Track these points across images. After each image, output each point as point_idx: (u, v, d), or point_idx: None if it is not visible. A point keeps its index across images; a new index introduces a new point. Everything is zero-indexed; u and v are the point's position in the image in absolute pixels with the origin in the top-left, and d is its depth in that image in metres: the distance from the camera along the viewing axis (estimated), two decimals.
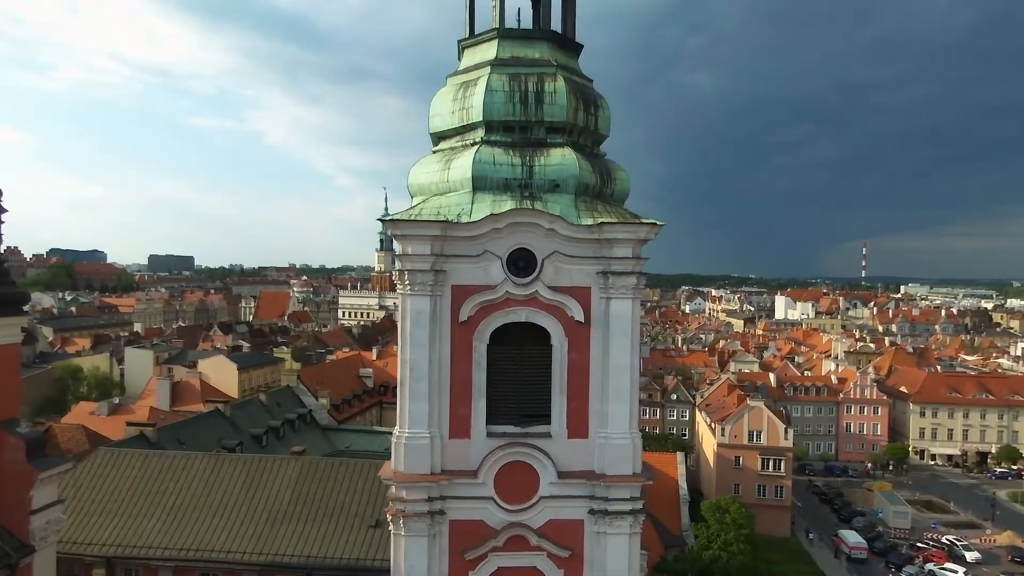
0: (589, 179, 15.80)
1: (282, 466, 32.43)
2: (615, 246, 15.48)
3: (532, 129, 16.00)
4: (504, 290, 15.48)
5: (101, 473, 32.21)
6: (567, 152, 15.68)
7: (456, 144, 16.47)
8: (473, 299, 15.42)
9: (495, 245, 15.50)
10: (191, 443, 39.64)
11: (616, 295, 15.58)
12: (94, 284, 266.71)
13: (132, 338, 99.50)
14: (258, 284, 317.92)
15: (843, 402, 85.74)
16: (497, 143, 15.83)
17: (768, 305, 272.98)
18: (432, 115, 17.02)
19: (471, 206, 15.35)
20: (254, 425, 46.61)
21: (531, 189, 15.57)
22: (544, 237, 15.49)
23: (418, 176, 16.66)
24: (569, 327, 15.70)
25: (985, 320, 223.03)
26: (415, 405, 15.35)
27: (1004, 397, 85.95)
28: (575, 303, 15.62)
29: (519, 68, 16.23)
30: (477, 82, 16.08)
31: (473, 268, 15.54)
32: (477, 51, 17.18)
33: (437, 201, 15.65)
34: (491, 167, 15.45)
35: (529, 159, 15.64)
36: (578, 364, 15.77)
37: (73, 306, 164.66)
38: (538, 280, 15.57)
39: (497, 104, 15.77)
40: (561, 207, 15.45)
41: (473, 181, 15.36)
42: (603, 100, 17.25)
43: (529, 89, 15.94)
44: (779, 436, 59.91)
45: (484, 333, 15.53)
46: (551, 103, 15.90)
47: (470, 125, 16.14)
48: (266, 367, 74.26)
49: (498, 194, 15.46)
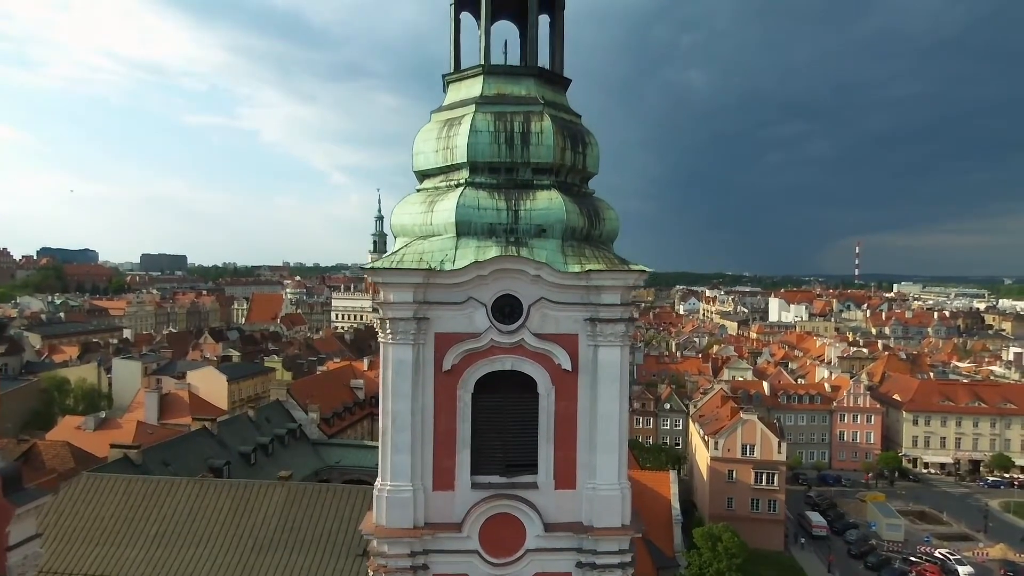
0: (576, 222, 15.40)
1: (268, 492, 31.80)
2: (603, 293, 15.11)
3: (518, 170, 15.61)
4: (489, 338, 15.08)
5: (83, 499, 31.49)
6: (554, 195, 15.27)
7: (440, 184, 16.05)
8: (457, 348, 15.02)
9: (480, 292, 15.08)
10: (177, 464, 39.01)
11: (604, 343, 15.20)
12: (85, 285, 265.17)
13: (121, 345, 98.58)
14: (251, 285, 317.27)
15: (836, 410, 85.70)
16: (482, 185, 15.43)
17: (762, 307, 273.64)
18: (416, 153, 16.60)
19: (454, 252, 14.93)
20: (242, 442, 46.01)
21: (517, 234, 15.16)
22: (530, 283, 15.10)
23: (401, 217, 16.23)
24: (556, 375, 15.32)
25: (977, 322, 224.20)
26: (397, 457, 14.94)
27: (996, 405, 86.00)
28: (562, 351, 15.24)
29: (505, 106, 15.84)
30: (461, 121, 15.68)
31: (457, 315, 15.13)
32: (462, 87, 16.77)
33: (420, 246, 15.21)
34: (475, 211, 15.03)
35: (515, 203, 15.23)
36: (565, 413, 15.40)
37: (63, 310, 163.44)
38: (524, 328, 15.18)
39: (482, 145, 15.37)
40: (547, 253, 15.05)
41: (457, 226, 14.95)
42: (591, 137, 16.86)
43: (515, 129, 15.55)
44: (772, 450, 59.73)
45: (468, 382, 15.14)
46: (537, 144, 15.50)
47: (454, 165, 15.74)
48: (256, 377, 73.63)
49: (483, 239, 15.04)
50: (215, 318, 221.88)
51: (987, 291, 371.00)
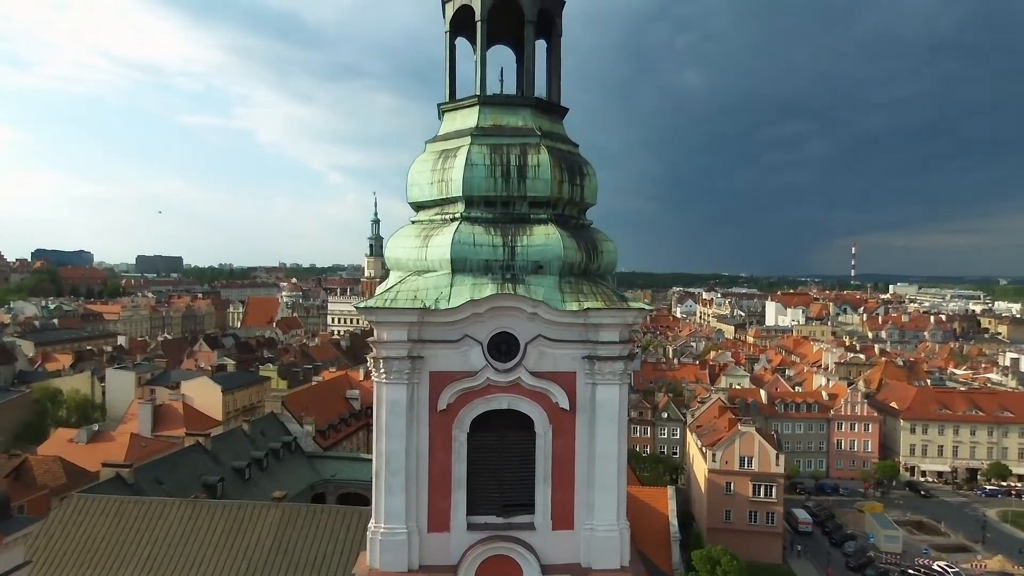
0: (574, 258, 15.11)
1: (262, 513, 31.45)
2: (601, 330, 14.85)
3: (514, 204, 15.33)
4: (485, 377, 14.80)
5: (74, 521, 31.08)
6: (551, 231, 14.99)
7: (435, 216, 15.78)
8: (452, 387, 14.74)
9: (475, 329, 14.80)
10: (170, 482, 38.56)
11: (602, 381, 14.93)
12: (79, 289, 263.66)
13: (115, 353, 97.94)
14: (247, 287, 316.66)
15: (834, 419, 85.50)
16: (478, 219, 15.15)
17: (759, 310, 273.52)
18: (410, 184, 16.30)
19: (450, 290, 14.64)
20: (237, 457, 45.53)
21: (513, 271, 14.88)
22: (527, 320, 14.82)
23: (396, 250, 15.94)
24: (553, 414, 15.04)
25: (973, 325, 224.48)
26: (391, 498, 14.64)
27: (994, 414, 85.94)
28: (559, 389, 14.96)
29: (501, 138, 15.56)
30: (457, 153, 15.40)
31: (452, 354, 14.84)
32: (457, 116, 16.51)
33: (414, 283, 14.92)
34: (471, 248, 14.74)
35: (511, 238, 14.94)
36: (563, 452, 15.12)
37: (56, 315, 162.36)
38: (521, 366, 14.90)
39: (477, 179, 15.09)
40: (545, 290, 14.77)
41: (452, 263, 14.66)
42: (589, 167, 16.58)
43: (511, 163, 15.26)
44: (770, 462, 59.46)
45: (464, 422, 14.85)
46: (534, 177, 15.22)
47: (450, 199, 15.45)
48: (251, 387, 73.15)
49: (478, 276, 14.75)
50: (210, 322, 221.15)
51: (983, 292, 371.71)
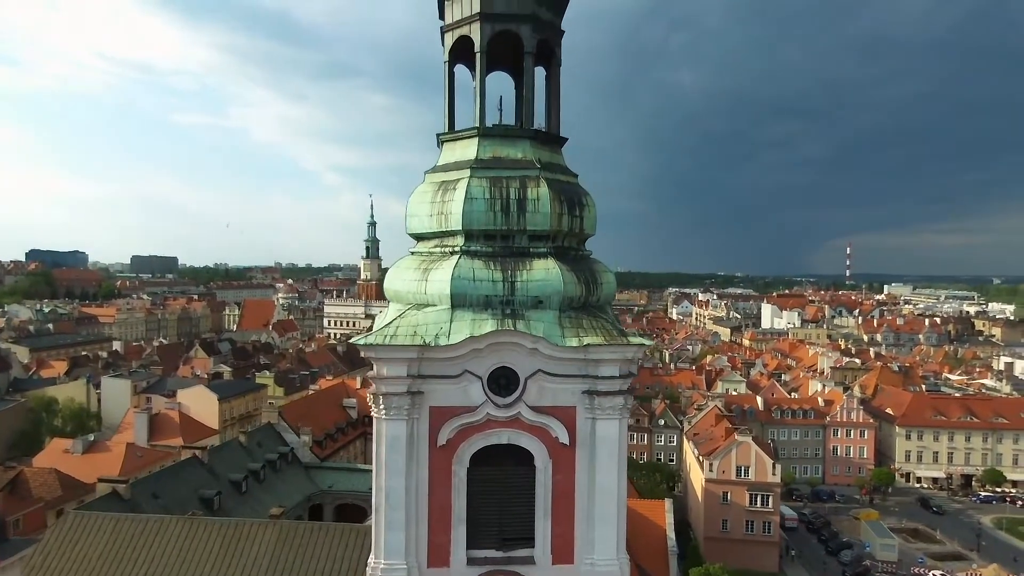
0: (574, 292, 15.12)
1: (260, 531, 31.30)
2: (601, 365, 14.88)
3: (514, 237, 15.34)
4: (485, 412, 14.83)
5: (70, 539, 30.88)
6: (551, 265, 14.99)
7: (434, 248, 15.77)
8: (452, 422, 14.75)
9: (475, 365, 14.81)
10: (167, 496, 38.46)
11: (602, 416, 14.96)
12: (74, 290, 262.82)
13: (111, 360, 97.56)
14: (243, 289, 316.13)
15: (830, 425, 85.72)
16: (477, 253, 15.15)
17: (754, 312, 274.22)
18: (409, 215, 16.30)
19: (449, 325, 14.64)
20: (233, 470, 45.40)
21: (513, 306, 14.88)
22: (527, 356, 14.84)
23: (395, 282, 15.94)
24: (553, 448, 15.06)
25: (968, 328, 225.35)
26: (391, 534, 14.63)
27: (989, 420, 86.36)
28: (559, 424, 14.99)
29: (500, 171, 15.56)
30: (456, 186, 15.39)
31: (452, 389, 14.86)
32: (456, 147, 16.51)
33: (414, 318, 14.90)
34: (471, 283, 14.73)
35: (511, 273, 14.93)
36: (563, 486, 15.15)
37: (51, 319, 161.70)
38: (520, 401, 14.93)
39: (477, 213, 15.08)
40: (545, 326, 14.78)
41: (452, 298, 14.67)
42: (588, 198, 16.61)
43: (511, 196, 15.26)
44: (767, 471, 59.61)
45: (464, 456, 14.87)
46: (534, 211, 15.22)
47: (449, 232, 15.44)
48: (248, 395, 72.94)
49: (478, 312, 14.75)
50: (206, 324, 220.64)
51: (976, 293, 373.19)
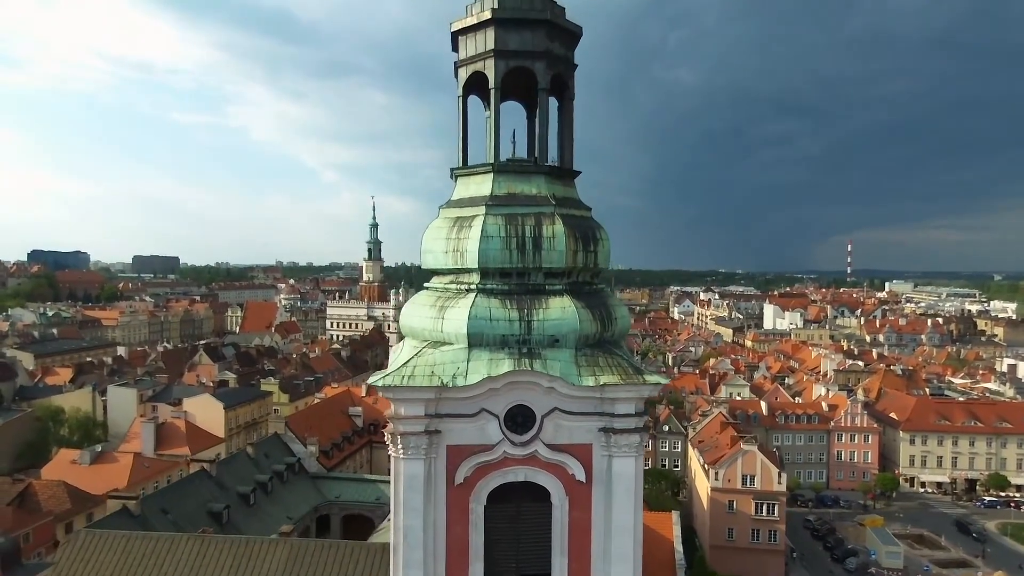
0: (589, 329, 15.19)
1: (270, 549, 31.48)
2: (618, 403, 14.96)
3: (530, 275, 15.40)
4: (502, 451, 14.92)
5: (82, 558, 31.06)
6: (567, 303, 15.06)
7: (450, 285, 15.84)
8: (470, 460, 14.84)
9: (492, 403, 14.90)
10: (176, 511, 38.63)
11: (619, 453, 15.04)
12: (77, 293, 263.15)
13: (116, 366, 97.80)
14: (245, 289, 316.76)
15: (834, 430, 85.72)
16: (493, 291, 15.22)
17: (756, 312, 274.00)
18: (424, 251, 16.40)
19: (466, 365, 14.72)
20: (241, 482, 45.59)
21: (530, 345, 14.95)
22: (543, 394, 14.93)
23: (411, 319, 16.02)
24: (570, 486, 15.14)
25: (970, 327, 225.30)
26: (410, 572, 14.72)
27: (992, 424, 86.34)
28: (576, 462, 15.07)
29: (515, 208, 15.63)
30: (472, 223, 15.45)
31: (469, 427, 14.94)
32: (471, 183, 16.57)
33: (430, 357, 14.98)
34: (487, 323, 14.80)
35: (527, 312, 14.99)
36: (579, 524, 15.21)
37: (55, 322, 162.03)
38: (537, 439, 15.03)
39: (493, 251, 15.14)
40: (561, 365, 14.85)
41: (469, 338, 14.74)
42: (603, 232, 16.68)
43: (527, 234, 15.32)
44: (772, 480, 59.68)
45: (481, 494, 14.95)
46: (550, 249, 15.28)
47: (465, 269, 15.51)
48: (253, 402, 73.09)
49: (495, 351, 14.82)
50: (208, 326, 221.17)
51: (978, 291, 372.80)
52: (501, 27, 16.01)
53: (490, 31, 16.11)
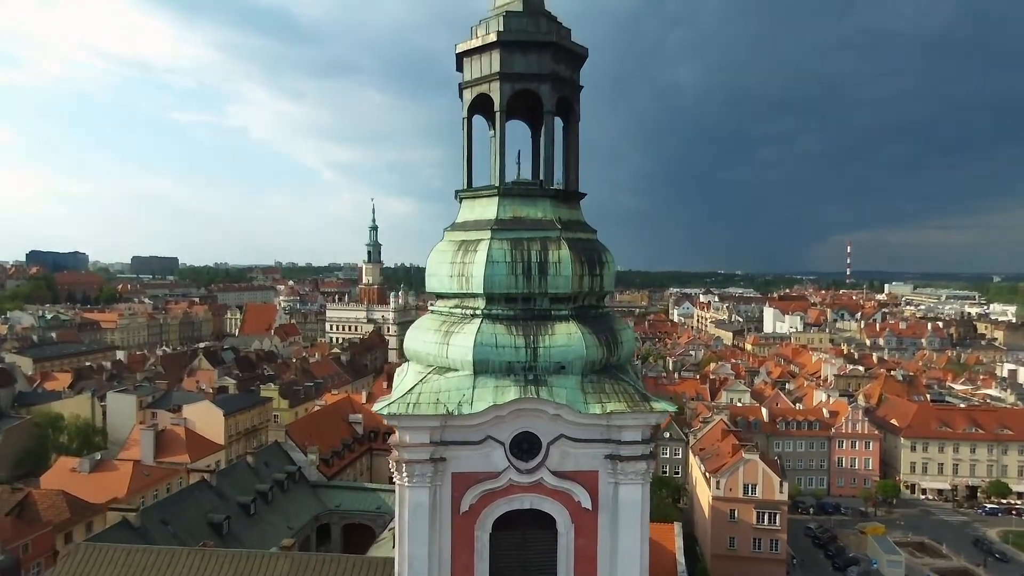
0: (595, 355, 15.11)
1: (271, 563, 31.33)
2: (624, 431, 14.89)
3: (535, 300, 15.30)
4: (508, 478, 14.84)
5: (81, 572, 30.90)
6: (573, 330, 14.96)
7: (455, 309, 15.74)
8: (475, 488, 14.75)
9: (498, 430, 14.82)
10: (176, 522, 38.45)
11: (625, 481, 14.94)
12: (76, 295, 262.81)
13: (115, 370, 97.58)
14: (244, 291, 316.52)
15: (835, 436, 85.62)
16: (499, 317, 15.13)
17: (756, 315, 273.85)
18: (430, 274, 16.32)
19: (472, 392, 14.62)
20: (242, 492, 45.40)
21: (535, 372, 14.86)
22: (549, 421, 14.86)
23: (416, 343, 15.93)
24: (576, 513, 15.05)
25: (970, 331, 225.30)
26: None
27: (994, 431, 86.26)
28: (581, 489, 14.98)
29: (521, 232, 15.54)
30: (477, 248, 15.35)
31: (474, 455, 14.85)
32: (476, 206, 16.49)
33: (436, 384, 14.87)
34: (493, 350, 14.70)
35: (533, 339, 14.89)
36: (585, 551, 15.12)
37: (53, 325, 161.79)
38: (543, 466, 14.94)
39: (499, 276, 15.05)
40: (567, 392, 14.76)
41: (474, 364, 14.66)
42: (608, 255, 16.60)
43: (532, 259, 15.22)
44: (774, 490, 59.57)
45: (486, 522, 14.86)
46: (555, 274, 15.19)
47: (470, 294, 15.41)
48: (253, 409, 72.90)
49: (501, 378, 14.73)
50: (208, 328, 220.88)
51: (977, 293, 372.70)
52: (507, 50, 15.95)
53: (495, 54, 16.05)
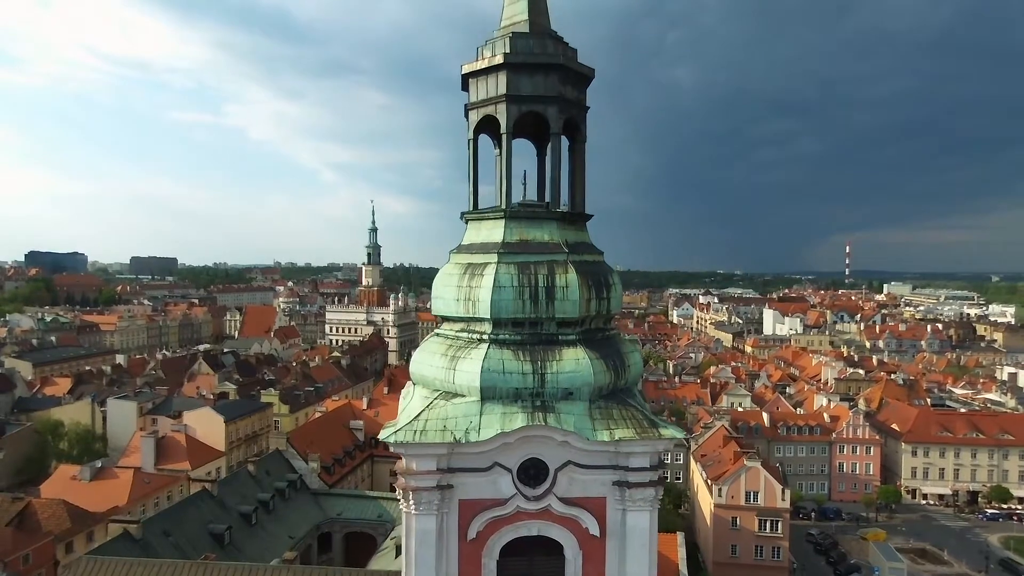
0: (604, 380, 15.03)
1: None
2: (632, 457, 14.83)
3: (542, 324, 15.21)
4: (515, 505, 14.75)
5: None
6: (580, 355, 14.88)
7: (461, 333, 15.65)
8: (482, 515, 14.65)
9: (505, 457, 14.74)
10: (178, 533, 38.32)
11: (633, 507, 14.89)
12: (75, 296, 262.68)
13: (114, 375, 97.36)
14: (243, 292, 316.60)
15: (836, 442, 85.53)
16: (505, 342, 15.03)
17: (756, 317, 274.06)
18: (435, 297, 16.30)
19: (479, 419, 14.54)
20: (243, 501, 45.26)
21: (543, 398, 14.78)
22: (557, 447, 14.78)
23: (421, 367, 15.84)
24: (583, 539, 14.96)
25: (969, 332, 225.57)
26: None
27: (994, 436, 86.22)
28: (589, 516, 14.90)
29: (528, 256, 15.46)
30: (484, 272, 15.27)
31: (481, 481, 14.76)
32: (482, 228, 16.42)
33: (442, 410, 14.79)
34: (500, 376, 14.61)
35: (541, 364, 14.80)
36: None
37: (53, 328, 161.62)
38: (551, 493, 14.85)
39: (505, 301, 14.97)
40: (575, 419, 14.68)
41: (482, 391, 14.57)
42: (614, 276, 16.52)
43: (539, 284, 15.14)
44: (776, 497, 59.45)
45: (494, 549, 14.77)
46: (563, 299, 15.11)
47: (477, 318, 15.32)
48: (254, 415, 72.73)
49: (508, 405, 14.65)
50: (207, 330, 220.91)
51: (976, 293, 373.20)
52: (514, 72, 15.88)
53: (502, 75, 15.97)
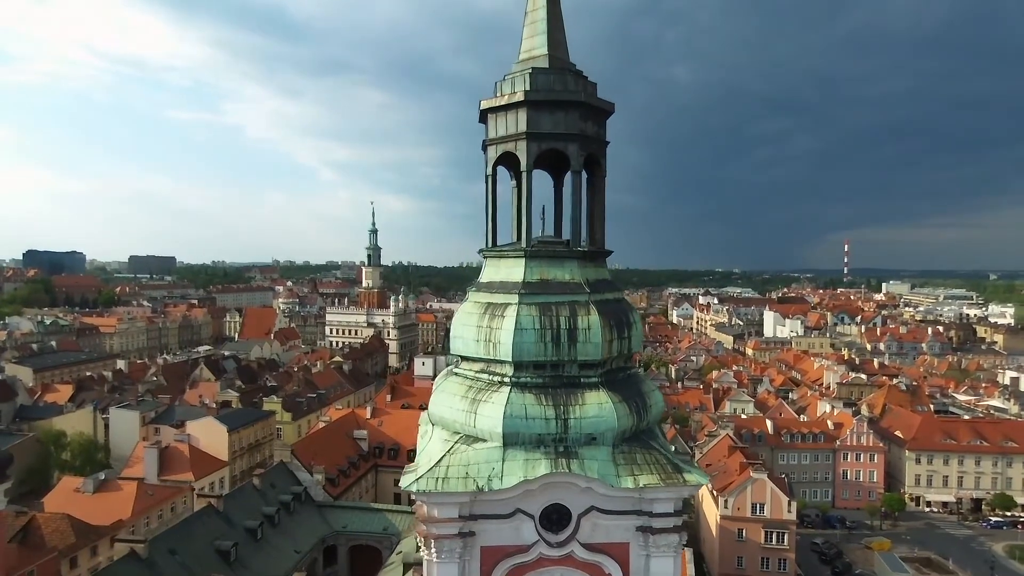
0: (627, 424, 14.88)
1: None
2: (656, 503, 14.65)
3: (564, 367, 15.03)
4: (538, 552, 14.61)
5: None
6: (603, 399, 14.71)
7: (481, 374, 15.46)
8: (504, 563, 14.53)
9: (528, 503, 14.57)
10: (184, 551, 38.10)
11: (657, 553, 14.70)
12: (74, 297, 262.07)
13: (116, 381, 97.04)
14: (242, 292, 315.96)
15: (840, 449, 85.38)
16: (528, 385, 14.86)
17: (756, 318, 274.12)
18: (455, 336, 16.06)
19: (502, 466, 14.36)
20: (249, 516, 45.04)
21: (566, 443, 14.61)
22: (580, 493, 14.64)
23: (441, 408, 15.65)
24: None
25: (970, 334, 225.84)
26: None
27: (998, 444, 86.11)
28: (612, 562, 14.75)
29: (549, 297, 15.28)
30: (505, 313, 15.07)
31: (504, 528, 14.60)
32: (502, 266, 16.23)
33: (464, 455, 14.60)
34: (523, 422, 14.44)
35: (563, 409, 14.63)
36: None
37: (52, 331, 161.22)
38: (573, 539, 14.69)
39: (528, 344, 14.78)
40: (599, 464, 14.51)
41: (504, 437, 14.38)
42: (634, 314, 16.35)
43: (561, 326, 14.96)
44: (782, 509, 59.30)
45: None
46: (585, 341, 14.93)
47: (497, 360, 15.12)
48: (256, 423, 72.45)
49: (531, 451, 14.47)
50: (207, 332, 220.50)
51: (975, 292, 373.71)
52: (534, 109, 15.69)
53: (522, 112, 15.79)
